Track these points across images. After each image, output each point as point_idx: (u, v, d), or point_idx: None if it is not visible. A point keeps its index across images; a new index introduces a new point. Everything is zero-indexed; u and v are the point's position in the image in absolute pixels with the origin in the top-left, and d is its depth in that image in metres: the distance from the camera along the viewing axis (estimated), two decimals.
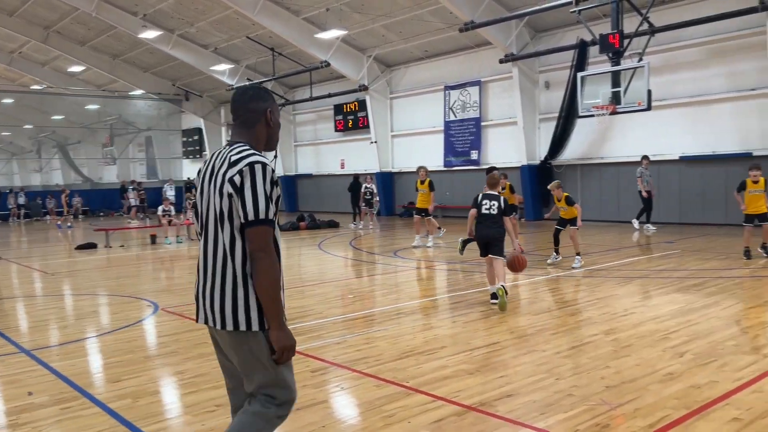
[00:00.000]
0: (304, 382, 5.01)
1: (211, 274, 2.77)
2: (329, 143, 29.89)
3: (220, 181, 2.71)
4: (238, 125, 2.89)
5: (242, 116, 2.88)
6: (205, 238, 2.81)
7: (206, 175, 2.83)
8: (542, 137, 21.26)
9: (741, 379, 4.79)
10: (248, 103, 2.88)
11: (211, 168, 2.81)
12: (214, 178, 2.76)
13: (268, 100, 2.91)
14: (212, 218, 2.76)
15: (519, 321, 7.14)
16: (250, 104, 2.87)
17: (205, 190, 2.81)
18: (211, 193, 2.77)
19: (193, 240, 18.11)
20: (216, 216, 2.74)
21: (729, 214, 16.72)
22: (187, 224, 19.00)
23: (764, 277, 9.54)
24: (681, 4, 17.46)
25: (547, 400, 4.47)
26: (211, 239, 2.78)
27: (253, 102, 2.87)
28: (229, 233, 2.71)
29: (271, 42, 25.60)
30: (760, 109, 16.42)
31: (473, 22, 19.33)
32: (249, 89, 2.92)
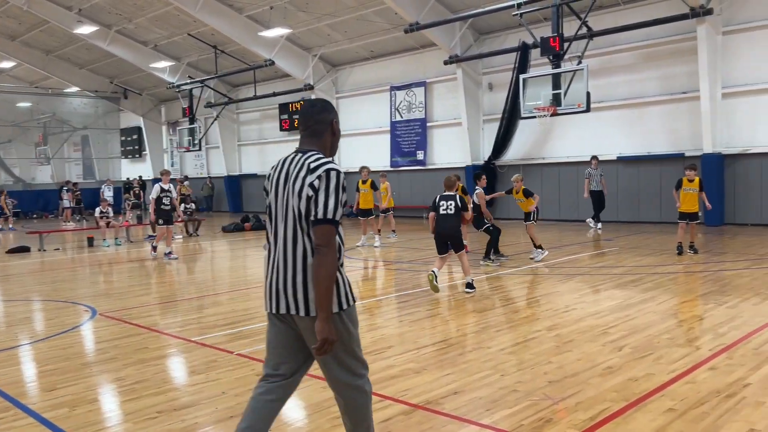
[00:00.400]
0: (249, 386, 4.92)
1: (292, 267, 3.04)
2: (275, 143, 29.54)
3: (299, 185, 3.01)
4: (307, 134, 3.19)
5: (312, 126, 3.18)
6: (284, 236, 3.07)
7: (280, 179, 3.13)
8: (486, 138, 21.62)
9: (675, 371, 4.98)
10: (317, 115, 3.18)
11: (285, 173, 3.11)
12: (293, 182, 3.05)
13: (332, 111, 3.22)
14: (291, 218, 3.05)
15: (465, 319, 7.23)
16: (319, 116, 3.18)
17: (281, 193, 3.10)
18: (289, 196, 3.06)
19: (133, 242, 17.59)
20: (295, 216, 3.04)
21: (663, 212, 17.43)
22: (126, 226, 18.45)
23: (696, 272, 9.97)
24: (617, 10, 18.07)
25: (492, 397, 4.53)
26: (290, 237, 3.05)
27: (321, 114, 3.18)
28: (305, 232, 3.01)
29: (214, 39, 25.13)
30: (690, 112, 17.16)
31: (418, 24, 19.49)
32: (317, 102, 3.24)
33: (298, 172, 3.05)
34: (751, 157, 16.52)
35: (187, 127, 28.49)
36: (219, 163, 31.89)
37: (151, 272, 12.06)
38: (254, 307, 8.20)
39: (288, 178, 3.09)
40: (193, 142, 28.12)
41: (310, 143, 3.16)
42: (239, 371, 5.34)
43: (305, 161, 3.05)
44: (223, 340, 6.44)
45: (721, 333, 6.12)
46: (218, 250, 16.02)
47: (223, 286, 10.25)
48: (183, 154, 34.22)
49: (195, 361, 5.74)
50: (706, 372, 4.95)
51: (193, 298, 9.13)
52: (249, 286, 10.02)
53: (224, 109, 29.12)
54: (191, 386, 5.05)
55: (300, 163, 3.06)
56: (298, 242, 3.03)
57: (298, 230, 3.03)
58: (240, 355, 5.81)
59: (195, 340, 6.45)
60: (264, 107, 29.23)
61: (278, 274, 3.09)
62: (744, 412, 4.11)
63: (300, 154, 3.11)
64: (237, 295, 9.16)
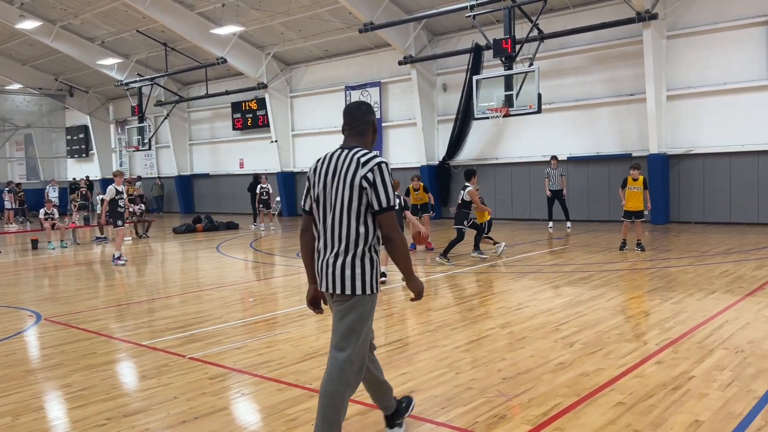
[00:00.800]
0: (202, 390, 4.84)
1: (338, 249, 3.41)
2: (227, 142, 29.12)
3: (351, 178, 3.37)
4: (352, 133, 3.57)
5: (357, 126, 3.57)
6: (332, 222, 3.43)
7: (327, 172, 3.47)
8: (440, 138, 21.81)
9: (624, 366, 5.12)
10: (363, 116, 3.59)
11: (333, 167, 3.46)
12: (342, 175, 3.40)
13: (374, 113, 3.67)
14: (339, 206, 3.40)
15: (420, 318, 7.27)
16: (365, 117, 3.59)
17: (329, 184, 3.45)
18: (338, 187, 3.40)
19: (79, 244, 17.07)
20: (343, 204, 3.38)
21: (611, 210, 17.91)
22: (73, 228, 17.88)
23: (643, 269, 10.27)
24: (567, 13, 18.48)
25: (447, 395, 4.57)
26: (337, 223, 3.41)
27: (366, 115, 3.60)
28: (355, 218, 3.38)
29: (164, 36, 24.60)
30: (637, 114, 17.69)
31: (372, 24, 19.50)
32: (362, 104, 3.64)
33: (348, 166, 3.40)
34: (694, 158, 17.15)
35: (137, 126, 27.79)
36: (169, 162, 31.23)
37: (99, 275, 11.71)
38: (207, 309, 8.05)
39: (336, 172, 3.44)
40: (142, 141, 27.44)
41: (355, 141, 3.55)
42: (192, 375, 5.24)
43: (354, 156, 3.42)
44: (174, 343, 6.30)
45: (667, 328, 6.32)
46: (169, 251, 15.68)
47: (175, 289, 10.04)
48: (132, 154, 33.39)
49: (145, 366, 5.60)
50: (653, 366, 5.10)
51: (143, 302, 8.91)
52: (201, 288, 9.84)
53: (175, 107, 28.54)
54: (142, 391, 4.93)
55: (349, 159, 3.42)
56: (342, 228, 3.41)
57: (343, 217, 3.40)
58: (192, 359, 5.70)
59: (145, 344, 6.29)
60: (216, 106, 28.78)
61: (327, 255, 3.47)
62: (689, 403, 4.26)
63: (347, 150, 3.48)
64: (189, 298, 8.99)
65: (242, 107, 27.40)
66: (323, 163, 3.54)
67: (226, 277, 11.12)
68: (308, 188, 3.60)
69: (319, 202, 3.52)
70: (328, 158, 3.53)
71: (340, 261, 3.40)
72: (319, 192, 3.51)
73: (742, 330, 6.13)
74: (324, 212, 3.49)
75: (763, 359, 5.17)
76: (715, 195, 16.96)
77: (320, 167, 3.54)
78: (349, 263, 3.39)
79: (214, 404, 4.55)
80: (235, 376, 5.20)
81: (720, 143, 16.63)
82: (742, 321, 6.48)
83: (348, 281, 3.39)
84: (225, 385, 5.02)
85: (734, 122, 16.36)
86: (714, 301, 7.50)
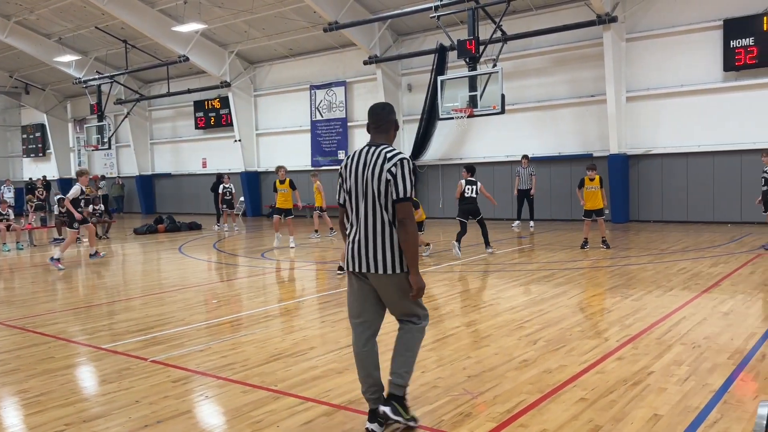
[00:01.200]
0: (165, 393, 4.76)
1: (372, 236, 3.85)
2: (190, 141, 28.68)
3: (379, 171, 3.81)
4: (377, 131, 4.02)
5: (382, 125, 4.02)
6: (365, 211, 3.88)
7: (359, 166, 3.91)
8: (406, 138, 21.86)
9: (586, 362, 5.21)
10: (387, 116, 4.04)
11: (363, 161, 3.90)
12: (372, 169, 3.84)
13: (395, 113, 4.13)
14: (370, 197, 3.85)
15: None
16: (389, 116, 4.05)
17: (360, 177, 3.88)
18: (368, 179, 3.84)
19: (36, 246, 16.60)
20: (374, 195, 3.83)
21: (573, 210, 18.21)
22: (29, 229, 17.39)
23: (604, 267, 10.48)
24: (529, 15, 18.73)
25: (413, 393, 4.57)
26: (370, 212, 3.86)
27: (390, 115, 4.06)
28: (383, 207, 3.82)
29: (124, 33, 24.09)
30: (597, 114, 18.03)
31: (337, 23, 19.46)
32: (386, 105, 4.11)
33: (376, 161, 3.85)
34: (653, 158, 17.57)
35: (96, 125, 27.12)
36: (130, 162, 30.62)
37: (57, 278, 11.42)
38: (169, 311, 7.92)
39: (366, 166, 3.88)
40: (102, 140, 26.80)
41: (380, 138, 4.01)
42: (154, 378, 5.14)
43: (381, 152, 3.87)
44: (136, 346, 6.18)
45: (627, 324, 6.46)
46: (130, 253, 15.37)
47: (136, 291, 9.85)
48: (91, 153, 32.62)
49: (106, 370, 5.48)
50: (614, 362, 5.20)
51: (103, 304, 8.71)
52: (163, 290, 9.67)
53: (135, 106, 27.97)
54: (102, 396, 4.82)
55: (377, 154, 3.87)
56: (377, 216, 3.84)
57: (376, 206, 3.84)
58: (155, 362, 5.60)
59: (106, 348, 6.16)
60: (178, 104, 28.33)
61: (360, 240, 3.89)
62: (648, 398, 4.36)
63: (374, 147, 3.93)
64: (150, 300, 8.82)
65: (205, 106, 27.02)
66: (353, 159, 3.98)
67: (189, 278, 10.96)
68: (340, 183, 4.05)
69: (351, 194, 3.96)
70: (358, 154, 3.97)
71: (372, 245, 3.85)
72: (351, 185, 3.95)
73: (698, 326, 6.30)
74: (356, 202, 3.93)
75: (719, 354, 5.32)
76: (672, 194, 17.41)
77: (351, 163, 3.98)
78: (380, 247, 3.83)
79: (177, 408, 4.48)
80: (199, 379, 5.13)
81: (677, 144, 17.08)
82: (698, 317, 6.66)
83: (380, 263, 3.83)
84: (188, 388, 4.94)
85: (691, 123, 16.82)
86: (672, 297, 7.69)
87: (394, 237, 3.84)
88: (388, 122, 4.04)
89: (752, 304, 7.27)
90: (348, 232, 4.02)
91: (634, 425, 3.91)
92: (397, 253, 3.83)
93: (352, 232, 3.97)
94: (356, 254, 3.90)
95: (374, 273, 3.85)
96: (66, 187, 31.86)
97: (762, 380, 4.71)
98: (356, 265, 3.91)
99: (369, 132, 4.06)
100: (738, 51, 15.85)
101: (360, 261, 3.89)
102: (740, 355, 5.26)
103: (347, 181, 3.97)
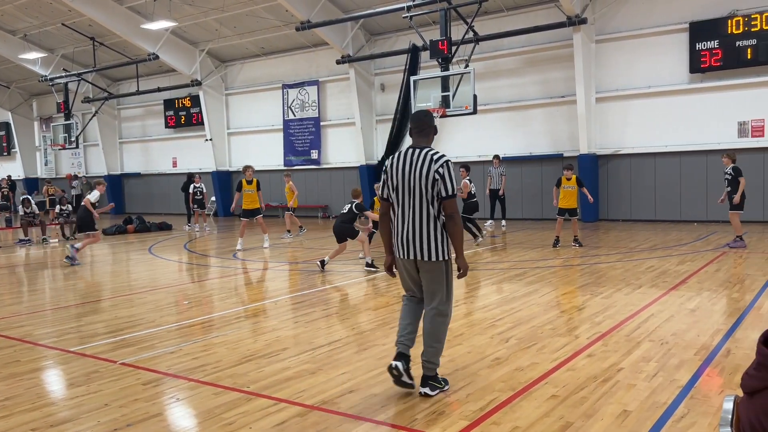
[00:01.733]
0: (135, 396, 4.69)
1: (419, 227, 4.44)
2: (159, 140, 28.30)
3: (427, 171, 4.38)
4: (419, 135, 4.59)
5: (424, 129, 4.60)
6: (411, 206, 4.46)
7: (405, 167, 4.47)
8: (379, 138, 21.88)
9: (557, 360, 5.28)
10: (429, 122, 4.65)
11: (408, 162, 4.46)
12: (419, 169, 4.41)
13: (433, 119, 4.74)
14: (417, 193, 4.42)
15: (359, 317, 7.27)
16: (429, 122, 4.65)
17: (406, 176, 4.45)
18: (415, 178, 4.42)
19: (1, 247, 16.21)
20: (421, 192, 4.41)
21: (545, 209, 18.43)
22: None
23: (575, 265, 10.62)
24: (501, 16, 18.89)
25: (386, 393, 4.58)
26: (417, 206, 4.44)
27: (431, 120, 4.68)
28: (428, 202, 4.40)
29: (92, 31, 23.65)
30: (568, 115, 18.27)
31: (309, 22, 19.38)
32: (427, 112, 4.81)
33: (422, 162, 4.41)
34: (621, 158, 17.86)
35: (63, 123, 26.56)
36: (98, 161, 30.09)
37: (23, 279, 11.17)
38: (139, 313, 7.80)
39: (413, 166, 4.44)
40: (69, 139, 26.25)
41: (422, 141, 4.58)
42: (123, 381, 5.06)
43: (427, 154, 4.44)
44: (105, 349, 6.08)
45: (597, 322, 6.55)
46: (98, 254, 15.10)
47: (105, 293, 9.68)
48: (58, 153, 31.98)
49: (74, 373, 5.37)
50: (584, 359, 5.28)
51: (71, 306, 8.54)
52: (133, 291, 9.53)
53: (104, 104, 27.50)
54: (70, 400, 4.72)
55: (423, 156, 4.44)
56: (423, 210, 4.42)
57: (423, 201, 4.40)
58: (124, 364, 5.51)
59: (74, 351, 6.04)
60: (148, 103, 27.94)
61: (407, 231, 4.48)
62: (618, 394, 4.43)
63: (419, 150, 4.49)
64: (120, 301, 8.68)
65: (175, 105, 26.69)
66: (399, 160, 4.54)
67: (160, 279, 10.81)
68: (385, 180, 4.60)
69: (397, 190, 4.52)
70: (403, 156, 4.51)
71: (419, 236, 4.42)
72: (398, 182, 4.50)
73: (666, 323, 6.42)
74: (402, 198, 4.49)
75: (686, 350, 5.44)
76: (641, 194, 17.72)
77: (396, 163, 4.54)
78: (425, 238, 4.41)
79: (148, 410, 4.41)
80: (170, 381, 5.06)
81: (645, 144, 17.39)
82: (666, 314, 6.79)
83: (426, 250, 4.42)
84: (159, 390, 4.87)
85: (658, 124, 17.14)
86: (641, 295, 7.83)
87: (438, 229, 4.41)
88: (429, 127, 4.61)
89: (717, 300, 7.44)
90: (395, 223, 4.59)
91: (604, 421, 3.97)
92: (441, 243, 4.42)
93: (399, 224, 4.54)
94: (406, 244, 4.49)
95: (421, 260, 4.45)
96: (32, 187, 31.20)
97: (727, 375, 4.82)
98: (406, 253, 4.50)
99: (411, 136, 4.65)
100: (703, 53, 16.21)
101: (409, 250, 4.49)
102: (706, 351, 5.38)
103: (393, 179, 4.52)
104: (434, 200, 4.36)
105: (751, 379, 1.46)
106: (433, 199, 4.36)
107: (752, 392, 1.46)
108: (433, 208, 4.38)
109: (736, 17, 15.77)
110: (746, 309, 6.97)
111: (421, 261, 4.45)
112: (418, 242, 4.43)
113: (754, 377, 1.45)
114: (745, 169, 12.42)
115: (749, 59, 15.67)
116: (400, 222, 4.51)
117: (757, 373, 1.44)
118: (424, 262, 4.45)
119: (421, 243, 4.42)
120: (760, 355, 1.44)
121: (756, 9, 15.60)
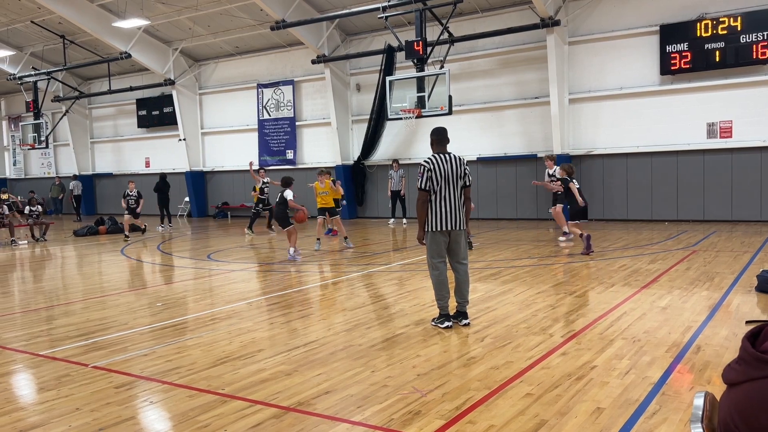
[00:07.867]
0: (107, 400, 4.61)
1: (459, 208, 6.46)
2: (132, 140, 27.91)
3: (461, 169, 6.45)
4: (441, 143, 6.61)
5: (444, 140, 6.62)
6: (454, 195, 6.42)
7: (451, 166, 6.42)
8: (355, 138, 21.86)
9: (532, 358, 5.32)
10: (446, 134, 6.68)
11: (450, 162, 6.42)
12: (457, 168, 6.44)
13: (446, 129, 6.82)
14: (458, 186, 6.44)
15: (336, 318, 7.25)
16: (447, 134, 6.68)
17: (451, 173, 6.40)
18: (456, 175, 6.42)
19: None
20: (457, 182, 6.43)
21: (519, 209, 18.59)
22: None
23: (549, 265, 10.73)
24: (476, 17, 19.01)
25: (363, 393, 4.58)
26: (457, 195, 6.44)
27: (447, 133, 6.70)
28: (461, 190, 6.49)
29: (62, 29, 23.24)
30: (542, 116, 18.46)
31: (284, 21, 19.28)
32: (445, 128, 6.78)
33: (459, 163, 6.47)
34: (594, 158, 18.10)
35: (32, 123, 26.06)
36: (69, 161, 29.57)
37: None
38: (110, 316, 7.68)
39: (453, 165, 6.41)
40: (38, 138, 25.76)
41: (443, 148, 6.59)
42: (95, 384, 4.98)
43: (456, 157, 6.50)
44: (76, 352, 5.97)
45: (571, 320, 6.63)
46: (69, 255, 14.84)
47: (76, 295, 9.51)
48: (27, 152, 31.35)
49: (44, 377, 5.27)
50: (558, 357, 5.33)
51: (41, 309, 8.38)
52: (105, 293, 9.38)
53: (75, 103, 27.03)
54: (40, 404, 4.63)
55: (455, 158, 6.48)
56: (457, 195, 6.45)
57: (457, 190, 6.44)
58: (96, 368, 5.42)
59: (44, 354, 5.92)
60: (120, 102, 27.54)
61: (453, 211, 6.40)
62: (591, 392, 4.48)
63: (448, 154, 6.50)
64: (91, 304, 8.54)
65: (148, 104, 26.34)
66: (443, 161, 6.40)
67: (132, 281, 10.66)
68: (431, 176, 6.34)
69: (447, 182, 6.36)
70: (444, 159, 6.42)
71: (458, 213, 6.43)
72: (448, 176, 6.37)
73: (638, 321, 6.52)
74: (448, 188, 6.38)
75: (658, 347, 5.53)
76: (613, 194, 17.98)
77: (442, 164, 6.39)
78: (460, 214, 6.45)
79: (120, 414, 4.35)
80: (143, 384, 4.99)
81: (617, 144, 17.64)
82: (638, 312, 6.90)
83: (460, 223, 6.45)
84: (132, 393, 4.80)
85: (630, 125, 17.41)
86: (613, 294, 7.94)
87: (463, 208, 6.49)
88: (447, 139, 6.63)
89: (688, 298, 7.58)
90: (438, 205, 6.38)
91: (578, 419, 4.01)
92: (465, 217, 6.52)
93: (443, 205, 6.37)
94: (451, 219, 6.39)
95: (457, 230, 6.43)
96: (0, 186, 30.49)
97: (697, 372, 4.91)
98: (451, 224, 6.39)
99: (433, 145, 6.59)
100: (673, 56, 16.50)
101: (453, 222, 6.40)
102: (677, 348, 5.48)
103: (441, 175, 6.34)
104: (461, 188, 6.45)
105: (731, 372, 1.55)
106: (461, 187, 6.43)
107: (731, 384, 1.55)
108: (461, 193, 6.46)
109: (705, 20, 16.08)
110: (715, 306, 7.11)
111: (456, 231, 6.42)
112: (458, 217, 6.39)
113: (734, 370, 1.54)
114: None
115: (717, 62, 16.00)
116: (445, 204, 6.36)
117: (738, 367, 1.53)
118: (458, 232, 6.44)
119: (458, 217, 6.40)
120: (742, 350, 1.53)
121: (724, 12, 15.93)
